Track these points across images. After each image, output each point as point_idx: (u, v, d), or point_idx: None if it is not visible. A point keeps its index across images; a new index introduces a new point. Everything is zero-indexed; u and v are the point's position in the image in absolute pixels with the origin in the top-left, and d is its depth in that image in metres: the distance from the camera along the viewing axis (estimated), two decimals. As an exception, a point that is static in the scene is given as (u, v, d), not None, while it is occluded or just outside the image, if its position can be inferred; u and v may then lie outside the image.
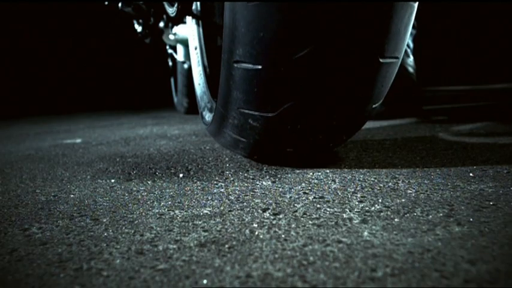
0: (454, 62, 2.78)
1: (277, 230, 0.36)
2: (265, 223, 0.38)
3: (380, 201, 0.42)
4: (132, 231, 0.38)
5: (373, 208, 0.40)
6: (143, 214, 0.42)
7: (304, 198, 0.45)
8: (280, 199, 0.45)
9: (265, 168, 0.61)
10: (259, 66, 0.47)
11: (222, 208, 0.43)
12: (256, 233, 0.36)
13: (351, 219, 0.38)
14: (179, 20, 1.01)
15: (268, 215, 0.40)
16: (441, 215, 0.37)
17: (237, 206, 0.44)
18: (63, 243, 0.36)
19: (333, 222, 0.37)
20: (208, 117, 0.71)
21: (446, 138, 0.78)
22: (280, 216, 0.39)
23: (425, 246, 0.31)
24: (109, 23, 2.48)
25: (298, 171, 0.57)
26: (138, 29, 1.31)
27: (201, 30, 0.82)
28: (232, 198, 0.47)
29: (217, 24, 0.83)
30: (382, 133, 0.89)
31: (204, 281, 0.27)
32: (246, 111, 0.52)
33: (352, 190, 0.47)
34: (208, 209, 0.43)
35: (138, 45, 1.90)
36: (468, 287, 0.25)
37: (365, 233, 0.34)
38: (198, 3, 0.81)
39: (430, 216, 0.37)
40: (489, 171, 0.52)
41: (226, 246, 0.33)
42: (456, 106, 1.46)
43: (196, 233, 0.36)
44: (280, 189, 0.49)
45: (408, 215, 0.38)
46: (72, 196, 0.51)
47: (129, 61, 2.69)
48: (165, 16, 1.26)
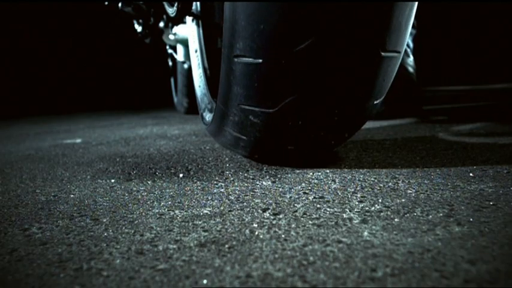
0: (454, 62, 2.78)
1: (277, 230, 0.36)
2: (265, 223, 0.38)
3: (380, 201, 0.42)
4: (132, 231, 0.38)
5: (373, 208, 0.40)
6: (143, 214, 0.42)
7: (304, 198, 0.45)
8: (280, 199, 0.45)
9: (265, 168, 0.61)
10: (260, 60, 0.47)
11: (222, 208, 0.43)
12: (256, 233, 0.36)
13: (351, 219, 0.38)
14: (179, 20, 1.01)
15: (268, 215, 0.40)
16: (441, 215, 0.37)
17: (237, 206, 0.44)
18: (63, 243, 0.36)
19: (333, 222, 0.37)
20: (208, 117, 0.71)
21: (446, 138, 0.78)
22: (280, 216, 0.39)
23: (425, 246, 0.31)
24: (109, 23, 2.48)
25: (298, 171, 0.57)
26: (138, 29, 1.31)
27: (201, 33, 0.82)
28: (232, 198, 0.47)
29: (217, 25, 0.83)
30: (382, 133, 0.89)
31: (204, 281, 0.27)
32: (247, 107, 0.52)
33: (352, 190, 0.47)
34: (208, 209, 0.43)
35: (138, 45, 1.90)
36: (468, 287, 0.25)
37: (365, 233, 0.34)
38: (198, 3, 0.81)
39: (430, 216, 0.37)
40: (489, 171, 0.52)
41: (226, 246, 0.33)
42: (456, 106, 1.46)
43: (196, 233, 0.36)
44: (280, 189, 0.49)
45: (408, 215, 0.38)
46: (72, 196, 0.51)
47: (129, 61, 2.69)
48: (165, 16, 1.26)
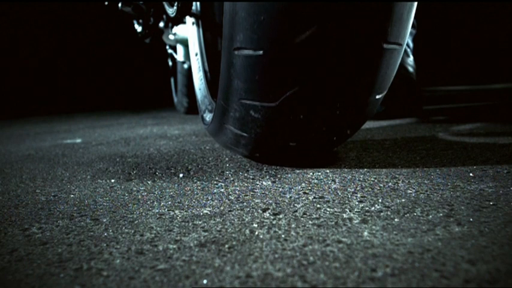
0: (454, 62, 2.78)
1: (277, 230, 0.36)
2: (265, 223, 0.38)
3: (380, 201, 0.42)
4: (132, 231, 0.38)
5: (373, 208, 0.40)
6: (143, 214, 0.42)
7: (304, 198, 0.45)
8: (280, 199, 0.45)
9: (265, 168, 0.61)
10: (260, 52, 0.47)
11: (222, 208, 0.43)
12: (256, 233, 0.36)
13: (351, 219, 0.38)
14: (179, 20, 1.01)
15: (268, 215, 0.40)
16: (441, 215, 0.37)
17: (237, 206, 0.44)
18: (63, 243, 0.36)
19: (333, 222, 0.37)
20: (208, 118, 0.71)
21: (446, 138, 0.78)
22: (280, 216, 0.39)
23: (425, 246, 0.31)
24: (109, 23, 2.48)
25: (298, 171, 0.57)
26: (138, 29, 1.31)
27: (202, 36, 0.82)
28: (232, 198, 0.47)
29: (218, 26, 0.83)
30: (382, 133, 0.89)
31: (204, 281, 0.27)
32: (248, 102, 0.52)
33: (352, 190, 0.47)
34: (208, 209, 0.43)
35: (138, 45, 1.90)
36: (468, 287, 0.25)
37: (365, 233, 0.34)
38: (197, 4, 0.81)
39: (430, 216, 0.37)
40: (489, 171, 0.52)
41: (226, 246, 0.33)
42: (456, 106, 1.46)
43: (196, 233, 0.36)
44: (280, 189, 0.49)
45: (408, 215, 0.38)
46: (72, 196, 0.51)
47: (129, 61, 2.69)
48: (165, 16, 1.26)
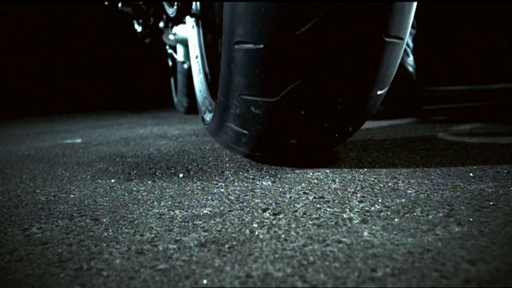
0: (454, 62, 2.78)
1: (277, 230, 0.36)
2: (265, 223, 0.38)
3: (380, 201, 0.42)
4: (132, 231, 0.38)
5: (373, 208, 0.40)
6: (143, 214, 0.42)
7: (304, 198, 0.45)
8: (280, 199, 0.45)
9: (265, 168, 0.61)
10: (261, 46, 0.46)
11: (222, 208, 0.43)
12: (256, 233, 0.36)
13: (351, 219, 0.38)
14: (179, 20, 1.01)
15: (268, 215, 0.40)
16: (441, 215, 0.37)
17: (237, 206, 0.44)
18: (63, 243, 0.36)
19: (333, 222, 0.37)
20: (209, 117, 0.71)
21: (446, 138, 0.78)
22: (280, 216, 0.39)
23: (425, 246, 0.31)
24: (109, 23, 2.48)
25: (298, 171, 0.57)
26: (138, 29, 1.31)
27: (202, 39, 0.82)
28: (232, 198, 0.47)
29: (218, 26, 0.83)
30: (382, 133, 0.89)
31: (204, 281, 0.27)
32: (248, 98, 0.51)
33: (352, 190, 0.47)
34: (208, 209, 0.43)
35: (138, 45, 1.90)
36: (468, 287, 0.25)
37: (365, 233, 0.34)
38: (197, 4, 0.81)
39: (430, 216, 0.37)
40: (489, 171, 0.52)
41: (226, 246, 0.33)
42: (456, 106, 1.46)
43: (196, 233, 0.36)
44: (280, 189, 0.49)
45: (408, 215, 0.38)
46: (72, 196, 0.51)
47: (129, 61, 2.69)
48: (165, 16, 1.26)
